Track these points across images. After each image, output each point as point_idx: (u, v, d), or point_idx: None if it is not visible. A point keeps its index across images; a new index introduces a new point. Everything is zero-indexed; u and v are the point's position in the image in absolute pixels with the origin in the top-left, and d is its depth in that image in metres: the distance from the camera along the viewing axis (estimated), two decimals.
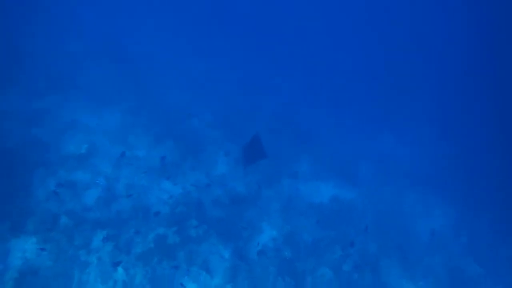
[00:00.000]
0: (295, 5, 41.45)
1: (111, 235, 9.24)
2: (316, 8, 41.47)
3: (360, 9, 39.66)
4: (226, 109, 18.18)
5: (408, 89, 29.83)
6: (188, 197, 11.54)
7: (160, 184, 11.52)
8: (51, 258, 8.24)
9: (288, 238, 11.71)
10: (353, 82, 29.77)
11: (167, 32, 27.51)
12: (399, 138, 22.40)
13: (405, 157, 20.11)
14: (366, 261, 11.62)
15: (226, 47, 28.84)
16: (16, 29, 17.86)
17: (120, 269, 8.62)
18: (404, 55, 33.37)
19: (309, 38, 38.00)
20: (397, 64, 32.25)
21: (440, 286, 11.82)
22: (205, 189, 12.17)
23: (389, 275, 11.60)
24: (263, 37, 35.61)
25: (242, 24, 36.27)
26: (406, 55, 33.41)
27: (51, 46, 17.55)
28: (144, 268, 8.93)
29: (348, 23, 40.31)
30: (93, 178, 10.59)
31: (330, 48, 36.12)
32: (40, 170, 10.28)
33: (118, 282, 8.46)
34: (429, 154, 21.00)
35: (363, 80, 30.60)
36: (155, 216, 10.27)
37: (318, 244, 11.89)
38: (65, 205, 9.61)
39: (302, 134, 18.84)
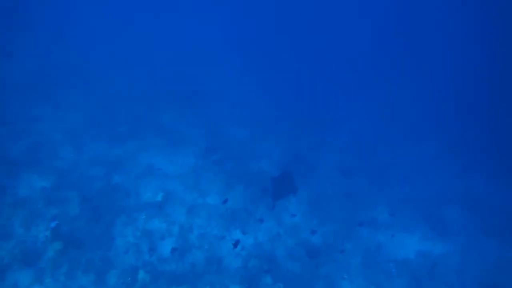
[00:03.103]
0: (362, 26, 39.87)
1: None
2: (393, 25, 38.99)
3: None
4: (293, 145, 17.57)
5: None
6: (260, 249, 10.87)
7: (232, 234, 11.09)
8: None
9: None
10: (440, 111, 26.53)
11: (227, 65, 28.37)
12: (496, 180, 18.95)
13: (505, 204, 16.83)
14: None
15: (286, 77, 28.61)
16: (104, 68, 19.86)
17: None
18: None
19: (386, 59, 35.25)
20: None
21: None
22: (277, 239, 11.42)
23: None
24: (328, 64, 34.41)
25: (299, 54, 35.84)
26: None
27: (127, 87, 19.10)
28: None
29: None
30: (168, 228, 10.60)
31: (412, 69, 32.89)
32: (121, 218, 10.60)
33: None
34: None
35: (454, 109, 26.92)
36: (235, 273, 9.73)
37: None
38: (143, 256, 9.64)
39: (378, 168, 17.16)
